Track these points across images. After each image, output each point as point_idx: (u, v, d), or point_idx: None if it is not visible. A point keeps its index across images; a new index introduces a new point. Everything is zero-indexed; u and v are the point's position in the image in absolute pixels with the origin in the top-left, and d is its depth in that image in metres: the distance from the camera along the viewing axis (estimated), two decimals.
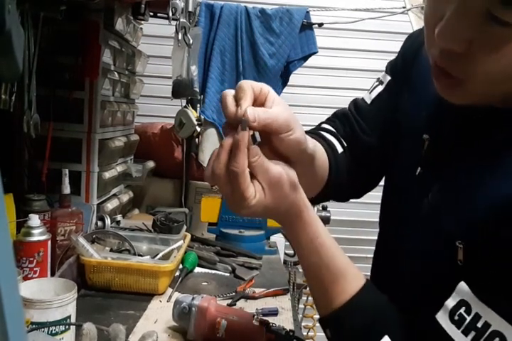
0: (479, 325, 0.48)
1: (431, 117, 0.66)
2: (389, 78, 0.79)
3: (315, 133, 0.81)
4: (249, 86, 0.56)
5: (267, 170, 0.56)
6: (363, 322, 0.59)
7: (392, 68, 0.80)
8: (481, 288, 0.50)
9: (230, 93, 0.56)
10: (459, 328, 0.50)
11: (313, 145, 0.66)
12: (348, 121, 0.82)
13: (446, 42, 0.49)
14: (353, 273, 0.61)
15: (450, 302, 0.51)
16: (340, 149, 0.80)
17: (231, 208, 0.59)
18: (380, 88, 0.79)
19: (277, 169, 0.57)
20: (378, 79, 0.81)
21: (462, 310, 0.50)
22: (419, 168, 0.66)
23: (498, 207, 0.50)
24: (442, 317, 0.52)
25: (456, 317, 0.50)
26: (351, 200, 0.94)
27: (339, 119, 0.84)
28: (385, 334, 0.57)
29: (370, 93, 0.81)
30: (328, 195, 0.81)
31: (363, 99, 0.82)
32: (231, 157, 0.54)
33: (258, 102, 0.57)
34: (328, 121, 0.86)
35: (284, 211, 0.59)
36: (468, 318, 0.49)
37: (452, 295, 0.51)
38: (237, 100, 0.55)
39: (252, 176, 0.56)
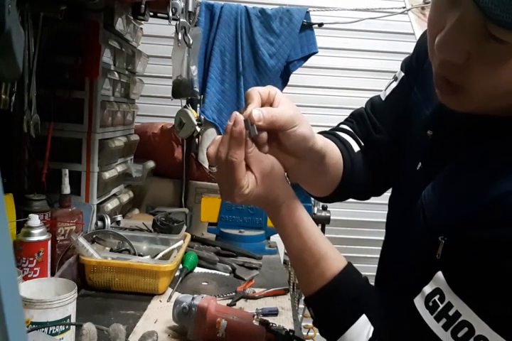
0: (450, 313, 0.50)
1: (435, 114, 0.67)
2: (403, 74, 0.80)
3: (330, 133, 0.85)
4: (256, 92, 0.61)
5: (261, 161, 0.62)
6: (341, 301, 0.63)
7: (406, 65, 0.81)
8: (455, 280, 0.52)
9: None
10: (432, 314, 0.52)
11: (324, 143, 0.70)
12: (362, 120, 0.85)
13: (445, 54, 0.50)
14: (333, 256, 0.65)
15: (427, 289, 0.54)
16: (356, 148, 0.82)
17: (223, 194, 0.63)
18: (394, 84, 0.81)
19: (269, 160, 0.63)
20: (394, 76, 0.83)
21: (436, 298, 0.52)
22: (420, 164, 0.67)
23: (484, 208, 0.51)
24: (419, 302, 0.55)
25: (431, 304, 0.53)
26: (351, 200, 0.95)
27: (355, 119, 0.87)
28: (362, 312, 0.61)
29: (385, 90, 0.83)
30: (345, 194, 0.84)
31: (378, 96, 0.84)
32: (230, 148, 0.59)
33: (267, 104, 0.63)
34: (346, 121, 0.90)
35: (273, 199, 0.64)
36: (441, 306, 0.51)
37: (430, 282, 0.54)
38: (246, 106, 0.61)
39: (247, 167, 0.61)
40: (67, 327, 0.82)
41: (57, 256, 1.14)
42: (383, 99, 0.83)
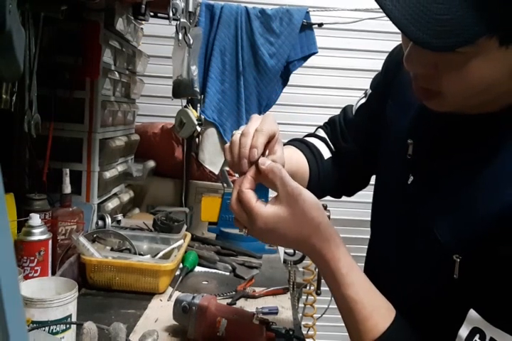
0: None
1: (413, 123, 0.69)
2: (370, 91, 0.88)
3: (303, 141, 0.91)
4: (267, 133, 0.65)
5: (286, 183, 0.61)
6: None
7: (373, 82, 0.89)
8: (489, 310, 0.50)
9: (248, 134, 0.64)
10: None
11: (287, 156, 0.73)
12: (334, 127, 0.92)
13: (412, 67, 0.55)
14: (385, 308, 0.62)
15: (463, 332, 0.52)
16: (327, 155, 0.89)
17: (250, 232, 0.63)
18: (363, 100, 0.88)
19: (297, 185, 0.61)
20: (365, 92, 0.89)
21: (477, 337, 0.50)
22: (411, 177, 0.66)
23: (493, 221, 0.51)
24: None
25: None
26: (352, 200, 1.01)
27: (330, 125, 0.94)
28: None
29: (356, 104, 0.90)
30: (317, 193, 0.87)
31: (351, 107, 0.91)
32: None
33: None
34: (322, 126, 0.96)
35: (319, 237, 0.63)
36: None
37: (464, 324, 0.52)
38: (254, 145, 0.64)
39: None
40: (67, 326, 0.83)
41: (58, 255, 1.15)
42: (353, 112, 0.89)
